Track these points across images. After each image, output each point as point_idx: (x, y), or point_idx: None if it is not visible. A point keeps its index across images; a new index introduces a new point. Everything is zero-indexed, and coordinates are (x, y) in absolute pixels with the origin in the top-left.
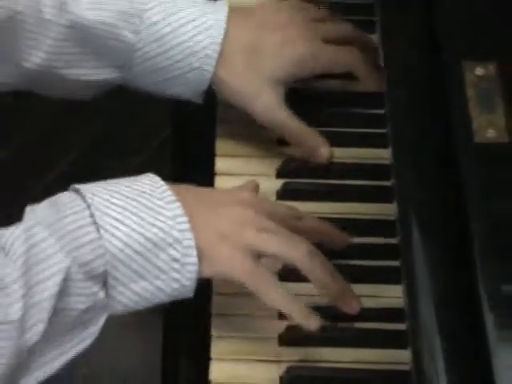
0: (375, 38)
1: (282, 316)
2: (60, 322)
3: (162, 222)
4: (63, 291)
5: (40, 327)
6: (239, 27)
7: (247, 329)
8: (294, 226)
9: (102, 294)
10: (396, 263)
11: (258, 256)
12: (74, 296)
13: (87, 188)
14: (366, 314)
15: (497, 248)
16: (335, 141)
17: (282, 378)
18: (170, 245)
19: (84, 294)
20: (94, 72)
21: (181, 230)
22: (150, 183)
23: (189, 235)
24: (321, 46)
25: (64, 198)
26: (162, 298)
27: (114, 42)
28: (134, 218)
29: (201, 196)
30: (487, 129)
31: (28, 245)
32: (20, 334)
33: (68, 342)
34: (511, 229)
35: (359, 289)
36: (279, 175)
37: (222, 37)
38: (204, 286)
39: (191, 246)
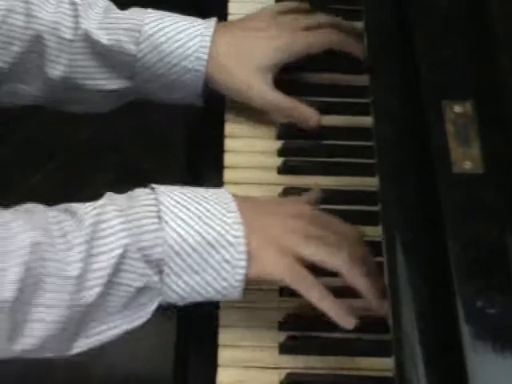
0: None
1: (281, 327)
2: (115, 295)
3: (220, 226)
4: (119, 266)
5: (96, 290)
6: (225, 34)
7: (251, 339)
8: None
9: (156, 278)
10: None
11: (304, 261)
12: (129, 273)
13: (162, 188)
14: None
15: (472, 267)
16: (330, 170)
17: (281, 383)
18: (224, 247)
19: (138, 273)
20: (107, 82)
21: (235, 236)
22: (217, 195)
23: (242, 241)
24: (297, 32)
25: (140, 192)
26: (212, 293)
27: (120, 55)
28: (196, 218)
29: (260, 205)
30: (464, 161)
31: (98, 218)
32: (76, 291)
33: (121, 318)
34: (484, 250)
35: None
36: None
37: (210, 40)
38: (212, 303)
39: (243, 252)
